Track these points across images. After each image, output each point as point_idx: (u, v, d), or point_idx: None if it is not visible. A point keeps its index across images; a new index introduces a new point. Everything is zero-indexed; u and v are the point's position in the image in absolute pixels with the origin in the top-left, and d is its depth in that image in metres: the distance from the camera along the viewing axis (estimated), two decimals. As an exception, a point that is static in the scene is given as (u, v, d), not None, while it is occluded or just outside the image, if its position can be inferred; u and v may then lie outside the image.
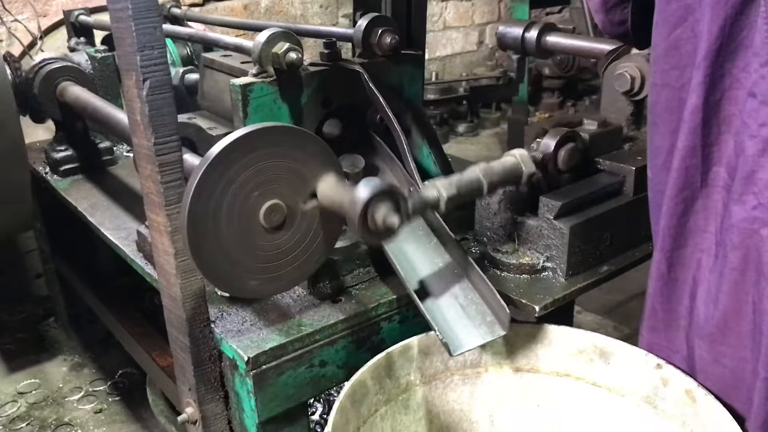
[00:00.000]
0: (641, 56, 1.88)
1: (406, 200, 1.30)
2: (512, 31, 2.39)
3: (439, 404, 1.59)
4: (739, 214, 1.22)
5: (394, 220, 1.26)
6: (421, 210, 1.37)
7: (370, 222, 1.25)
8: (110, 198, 2.31)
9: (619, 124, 1.93)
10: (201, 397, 1.53)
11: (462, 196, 1.43)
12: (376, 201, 1.25)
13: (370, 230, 1.26)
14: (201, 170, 1.25)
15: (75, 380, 2.88)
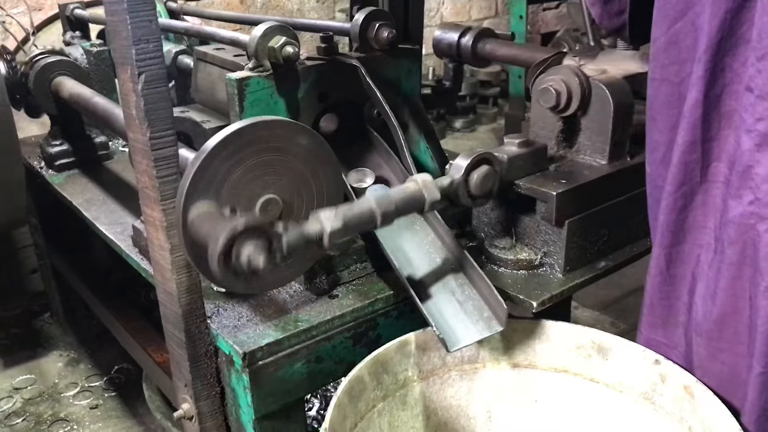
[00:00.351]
0: (569, 69, 1.71)
1: (280, 237, 1.17)
2: (448, 37, 2.19)
3: (436, 400, 1.59)
4: (736, 209, 1.22)
5: (258, 260, 1.12)
6: (299, 246, 1.22)
7: (234, 261, 1.12)
8: (106, 193, 2.30)
9: (543, 143, 1.74)
10: (197, 393, 1.52)
11: (350, 229, 1.29)
12: (242, 238, 1.11)
13: (234, 270, 1.12)
14: (196, 164, 1.24)
15: (71, 376, 2.87)
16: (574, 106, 1.70)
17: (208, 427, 1.57)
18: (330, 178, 1.46)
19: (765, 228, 1.18)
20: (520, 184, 1.65)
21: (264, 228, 1.14)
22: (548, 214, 1.61)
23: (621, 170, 1.71)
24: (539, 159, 1.71)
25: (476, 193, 1.47)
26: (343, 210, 1.28)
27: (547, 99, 1.71)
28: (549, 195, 1.60)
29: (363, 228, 1.35)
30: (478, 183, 1.46)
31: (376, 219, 1.33)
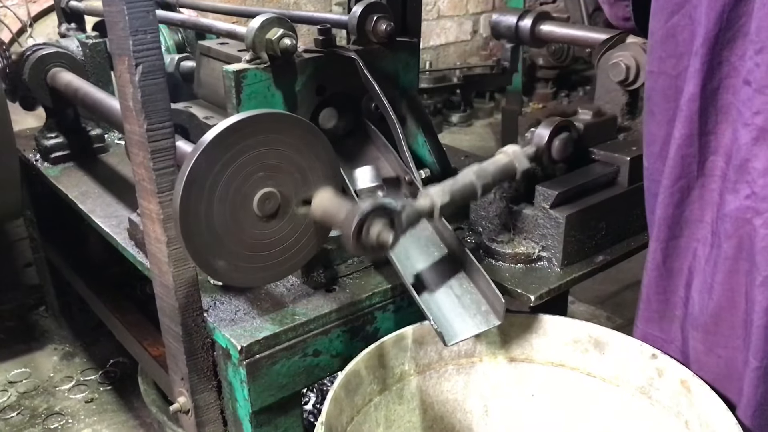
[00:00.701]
0: (637, 45, 1.86)
1: (400, 215, 1.30)
2: (506, 20, 2.36)
3: (433, 394, 1.59)
4: (733, 203, 1.22)
5: (387, 236, 1.26)
6: (415, 222, 1.36)
7: (364, 238, 1.26)
8: (101, 186, 2.28)
9: (613, 113, 1.90)
10: (193, 387, 1.52)
11: (456, 202, 1.43)
12: (371, 217, 1.25)
13: (364, 246, 1.27)
14: (194, 157, 1.23)
15: (66, 369, 2.86)
16: (641, 80, 1.83)
17: (205, 421, 1.57)
18: (327, 172, 1.45)
19: (761, 222, 1.18)
20: (594, 151, 1.80)
21: (387, 207, 1.28)
22: (622, 180, 1.76)
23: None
24: (610, 128, 1.85)
25: (557, 157, 1.63)
26: (449, 185, 1.43)
27: (617, 73, 1.87)
28: (623, 160, 1.75)
29: (466, 200, 1.51)
30: (559, 148, 1.64)
31: (476, 191, 1.46)
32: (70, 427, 2.55)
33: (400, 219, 1.30)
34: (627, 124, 1.96)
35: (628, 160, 1.74)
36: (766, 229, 1.18)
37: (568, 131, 1.67)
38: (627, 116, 1.96)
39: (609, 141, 1.85)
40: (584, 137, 1.77)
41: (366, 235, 1.25)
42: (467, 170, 1.47)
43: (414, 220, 1.36)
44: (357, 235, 1.25)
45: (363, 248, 1.27)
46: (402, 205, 1.31)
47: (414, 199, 1.41)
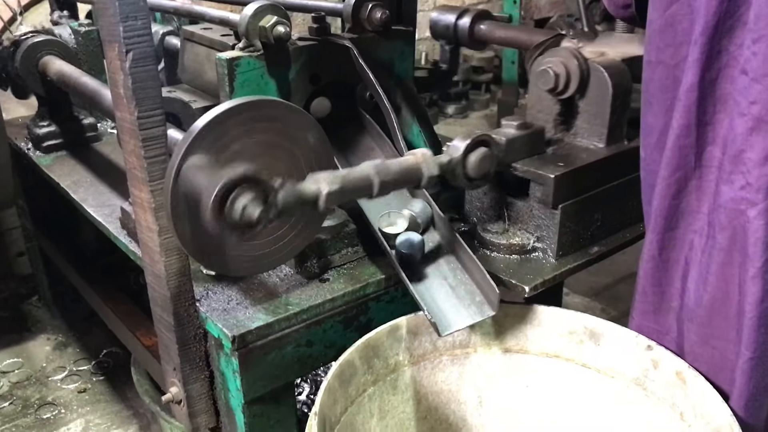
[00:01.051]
0: (568, 51, 1.71)
1: (276, 192, 1.14)
2: (444, 19, 2.17)
3: (427, 385, 1.58)
4: (727, 194, 1.21)
5: (253, 212, 1.10)
6: (294, 205, 1.20)
7: (227, 211, 1.10)
8: (94, 175, 2.27)
9: (541, 126, 1.73)
10: (185, 377, 1.51)
11: (346, 194, 1.27)
12: (239, 189, 1.10)
13: (226, 221, 1.11)
14: (186, 144, 1.22)
15: (58, 359, 2.85)
16: (572, 89, 1.70)
17: (197, 411, 1.56)
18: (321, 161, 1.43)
19: (755, 214, 1.18)
20: (517, 167, 1.64)
21: (261, 180, 1.12)
22: (545, 197, 1.60)
23: (618, 154, 1.71)
24: (537, 142, 1.70)
25: (473, 175, 1.45)
26: (341, 174, 1.27)
27: (545, 81, 1.70)
28: (547, 178, 1.59)
29: (359, 194, 1.33)
30: (475, 165, 1.43)
31: (373, 187, 1.30)
32: (63, 417, 2.54)
33: (276, 197, 1.14)
34: (559, 136, 1.78)
35: (552, 177, 1.58)
36: (759, 220, 1.17)
37: (486, 146, 1.46)
38: (561, 127, 1.78)
39: (536, 155, 1.69)
40: (507, 152, 1.62)
41: (230, 207, 1.10)
42: (367, 163, 1.33)
43: (293, 204, 1.19)
44: (218, 206, 1.09)
45: (224, 223, 1.10)
46: (281, 183, 1.16)
47: None
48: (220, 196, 1.09)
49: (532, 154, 1.68)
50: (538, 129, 1.71)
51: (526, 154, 1.67)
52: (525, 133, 1.67)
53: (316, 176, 1.24)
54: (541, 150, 1.71)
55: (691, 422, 1.36)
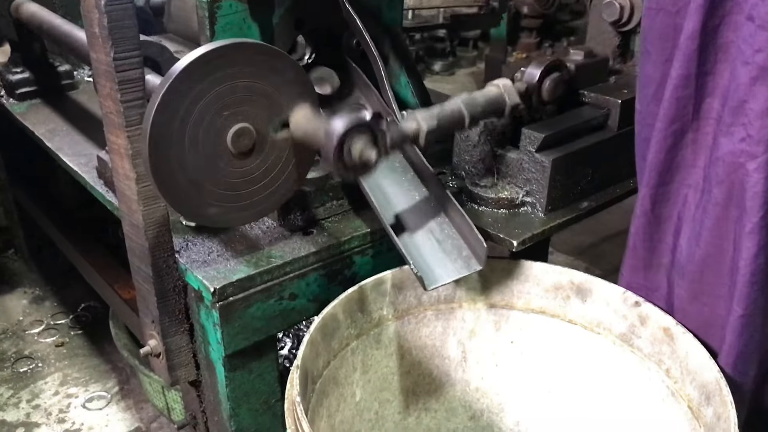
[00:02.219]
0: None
1: (384, 134, 1.23)
2: None
3: (411, 339, 1.56)
4: (726, 146, 1.18)
5: (371, 154, 1.20)
6: (400, 144, 1.31)
7: (346, 156, 1.19)
8: (70, 123, 2.19)
9: (605, 55, 1.85)
10: (164, 330, 1.47)
11: (443, 129, 1.37)
12: (353, 134, 1.18)
13: (346, 164, 1.20)
14: (164, 87, 1.16)
15: (35, 313, 2.80)
16: (635, 21, 1.79)
17: (176, 365, 1.53)
18: (299, 90, 1.38)
19: (754, 167, 1.15)
20: (585, 93, 1.74)
21: (371, 125, 1.21)
22: (612, 123, 1.71)
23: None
24: (600, 71, 1.80)
25: (548, 98, 1.58)
26: (437, 111, 1.37)
27: (610, 13, 1.81)
28: (614, 102, 1.69)
29: (453, 128, 1.44)
30: (550, 88, 1.58)
31: (464, 119, 1.41)
32: (40, 370, 2.50)
33: (384, 138, 1.24)
34: (618, 67, 1.90)
35: (619, 102, 1.69)
36: (759, 173, 1.14)
37: (559, 71, 1.61)
38: (618, 59, 1.91)
39: (600, 83, 1.80)
40: (575, 78, 1.71)
41: (348, 152, 1.19)
42: (456, 98, 1.42)
43: (399, 142, 1.30)
44: (339, 152, 1.18)
45: (345, 167, 1.20)
46: (387, 124, 1.25)
47: None
48: (340, 144, 1.17)
49: (596, 82, 1.78)
50: (604, 58, 1.82)
51: (592, 82, 1.77)
52: (591, 62, 1.77)
53: (414, 115, 1.35)
54: (605, 79, 1.82)
55: (677, 378, 1.35)
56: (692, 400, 1.31)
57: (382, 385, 1.55)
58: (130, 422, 2.29)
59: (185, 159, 1.22)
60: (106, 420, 2.30)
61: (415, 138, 1.34)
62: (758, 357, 1.31)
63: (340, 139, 1.17)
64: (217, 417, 1.59)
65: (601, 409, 1.53)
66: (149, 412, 2.32)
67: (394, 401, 1.59)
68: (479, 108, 1.44)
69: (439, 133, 1.37)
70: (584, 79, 1.75)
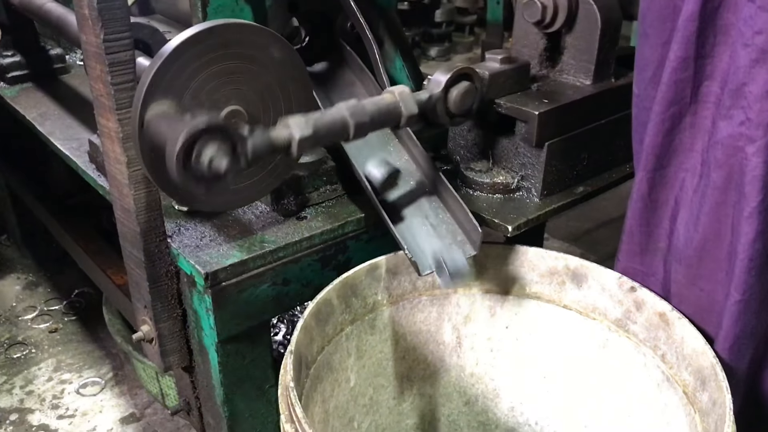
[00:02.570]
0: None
1: (245, 140, 1.09)
2: None
3: (405, 325, 1.55)
4: (726, 129, 1.16)
5: (221, 164, 1.04)
6: (265, 152, 1.15)
7: (193, 162, 1.04)
8: (62, 107, 2.17)
9: (526, 60, 1.66)
10: (157, 315, 1.46)
11: (320, 139, 1.22)
12: (205, 138, 1.04)
13: (192, 172, 1.05)
14: (154, 68, 1.15)
15: (29, 299, 2.79)
16: (559, 22, 1.62)
17: (169, 350, 1.52)
18: (300, 94, 1.37)
19: (753, 150, 1.13)
20: (500, 103, 1.58)
21: (228, 129, 1.07)
22: (529, 135, 1.54)
23: (605, 91, 1.64)
24: (521, 77, 1.63)
25: (455, 110, 1.39)
26: (314, 117, 1.20)
27: (532, 13, 1.63)
28: (531, 114, 1.52)
29: (334, 139, 1.27)
30: (457, 100, 1.38)
31: (348, 130, 1.25)
32: (34, 356, 2.49)
33: (245, 146, 1.09)
34: (544, 72, 1.73)
35: (536, 114, 1.52)
36: (758, 157, 1.13)
37: (469, 80, 1.41)
38: (546, 63, 1.73)
39: (520, 92, 1.62)
40: (490, 87, 1.55)
41: (196, 159, 1.03)
42: (341, 105, 1.26)
43: (263, 152, 1.13)
44: (183, 156, 1.02)
45: (190, 175, 1.04)
46: (250, 131, 1.11)
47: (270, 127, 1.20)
48: (184, 149, 1.02)
49: (516, 91, 1.62)
50: (524, 64, 1.63)
51: (510, 90, 1.61)
52: (510, 68, 1.59)
53: (287, 121, 1.19)
54: (526, 86, 1.64)
55: (672, 364, 1.35)
56: (687, 385, 1.31)
57: (376, 370, 1.55)
58: (124, 408, 2.29)
59: (176, 142, 1.20)
60: (100, 406, 2.29)
61: (286, 146, 1.18)
62: (754, 343, 1.30)
63: (187, 140, 1.02)
64: (210, 402, 1.58)
65: (596, 395, 1.53)
66: (143, 398, 2.32)
67: (388, 387, 1.59)
68: (367, 117, 1.27)
69: (316, 142, 1.22)
70: (501, 86, 1.59)
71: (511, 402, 1.65)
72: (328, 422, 1.43)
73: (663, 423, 1.37)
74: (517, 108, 1.55)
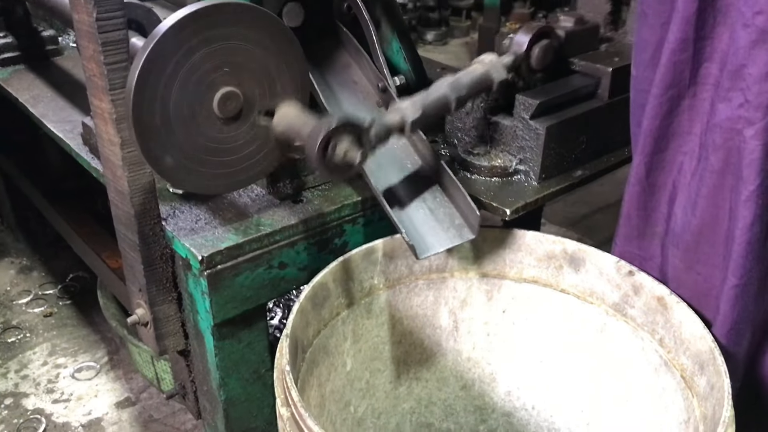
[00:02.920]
0: None
1: (368, 131, 1.21)
2: None
3: (402, 309, 1.54)
4: (724, 112, 1.15)
5: (355, 155, 1.18)
6: (385, 138, 1.27)
7: (330, 157, 1.16)
8: (54, 90, 2.15)
9: (597, 21, 1.77)
10: (152, 298, 1.45)
11: (428, 117, 1.34)
12: (338, 134, 1.16)
13: (329, 166, 1.17)
14: (149, 48, 1.13)
15: (23, 283, 2.78)
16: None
17: (164, 334, 1.51)
18: (296, 75, 1.35)
19: (752, 133, 1.12)
20: (575, 61, 1.68)
21: (354, 123, 1.18)
22: (602, 92, 1.65)
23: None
24: (592, 38, 1.74)
25: (537, 66, 1.54)
26: (420, 99, 1.33)
27: None
28: (604, 71, 1.63)
29: (439, 114, 1.40)
30: (540, 56, 1.54)
31: (450, 104, 1.37)
32: (28, 341, 2.48)
33: (368, 136, 1.21)
34: (609, 34, 1.84)
35: (609, 71, 1.63)
36: (756, 140, 1.12)
37: (548, 38, 1.56)
38: (609, 26, 1.85)
39: (590, 51, 1.73)
40: (565, 46, 1.65)
41: (332, 153, 1.16)
42: (440, 82, 1.37)
43: (383, 137, 1.27)
44: (322, 153, 1.15)
45: (328, 168, 1.18)
46: (370, 121, 1.22)
47: (384, 111, 1.32)
48: (323, 147, 1.15)
49: (587, 50, 1.71)
50: (595, 25, 1.74)
51: (582, 49, 1.70)
52: (582, 28, 1.69)
53: (398, 106, 1.32)
54: (595, 47, 1.75)
55: (670, 348, 1.34)
56: (685, 369, 1.30)
57: (373, 354, 1.54)
58: (120, 392, 2.28)
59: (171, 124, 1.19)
60: (95, 390, 2.29)
61: (401, 129, 1.30)
62: (751, 327, 1.30)
63: (324, 140, 1.14)
64: (206, 387, 1.58)
65: (593, 379, 1.52)
66: (139, 383, 2.31)
67: (385, 371, 1.58)
68: (465, 90, 1.40)
69: (426, 121, 1.34)
70: (574, 46, 1.68)
71: (508, 386, 1.65)
72: (324, 406, 1.42)
73: (660, 407, 1.37)
74: (591, 65, 1.66)
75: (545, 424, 1.64)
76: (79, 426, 2.16)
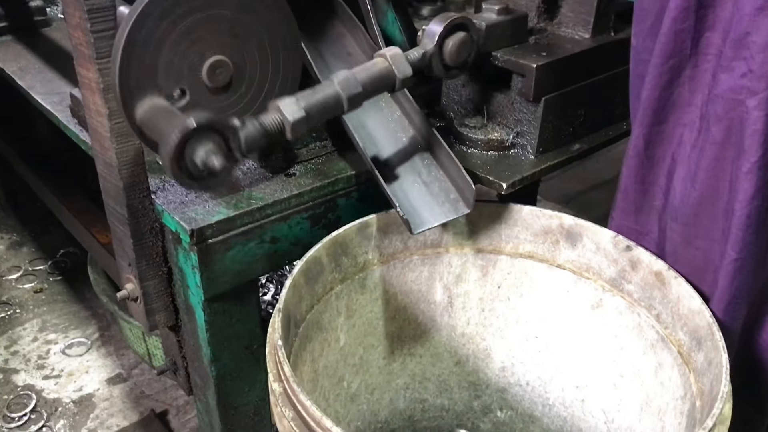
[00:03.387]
0: None
1: (237, 134, 1.07)
2: None
3: (396, 284, 1.52)
4: (726, 82, 1.12)
5: (216, 162, 1.03)
6: (260, 141, 1.12)
7: (188, 163, 1.03)
8: (42, 61, 2.11)
9: (524, 12, 1.59)
10: (141, 273, 1.42)
11: (314, 118, 1.19)
12: (196, 138, 1.02)
13: (188, 172, 1.04)
14: (135, 14, 1.10)
15: (13, 259, 2.75)
16: None
17: (155, 309, 1.49)
18: (289, 45, 1.32)
19: (755, 104, 1.10)
20: (497, 56, 1.53)
21: (218, 124, 1.04)
22: (526, 90, 1.49)
23: (604, 45, 1.60)
24: (519, 30, 1.57)
25: (451, 63, 1.35)
26: (305, 96, 1.17)
27: None
28: (528, 68, 1.47)
29: (328, 115, 1.24)
30: (453, 52, 1.33)
31: (342, 104, 1.21)
32: (19, 316, 2.46)
33: (237, 140, 1.07)
34: (542, 25, 1.66)
35: (534, 67, 1.46)
36: (759, 111, 1.09)
37: (465, 31, 1.35)
38: (544, 16, 1.66)
39: (517, 45, 1.56)
40: (486, 39, 1.49)
41: (190, 158, 1.02)
42: (331, 79, 1.22)
43: (258, 141, 1.12)
44: (177, 157, 1.01)
45: (186, 174, 1.04)
46: (241, 123, 1.08)
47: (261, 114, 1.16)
48: (177, 151, 1.01)
49: (513, 43, 1.56)
50: (521, 15, 1.58)
51: (507, 42, 1.55)
52: (506, 19, 1.53)
53: (276, 104, 1.15)
54: (523, 39, 1.59)
55: (667, 324, 1.33)
56: (682, 345, 1.29)
57: (366, 330, 1.52)
58: (111, 368, 2.27)
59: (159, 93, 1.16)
60: (86, 366, 2.27)
61: (279, 132, 1.15)
62: (749, 302, 1.28)
63: (177, 147, 1.00)
64: (197, 362, 1.56)
65: (589, 355, 1.51)
66: (130, 359, 2.30)
67: (378, 346, 1.57)
68: (359, 88, 1.23)
69: (311, 122, 1.19)
70: (498, 39, 1.52)
71: (503, 362, 1.64)
72: (317, 381, 1.41)
73: (657, 383, 1.36)
74: (514, 61, 1.50)
75: (540, 399, 1.63)
76: (69, 402, 2.15)
